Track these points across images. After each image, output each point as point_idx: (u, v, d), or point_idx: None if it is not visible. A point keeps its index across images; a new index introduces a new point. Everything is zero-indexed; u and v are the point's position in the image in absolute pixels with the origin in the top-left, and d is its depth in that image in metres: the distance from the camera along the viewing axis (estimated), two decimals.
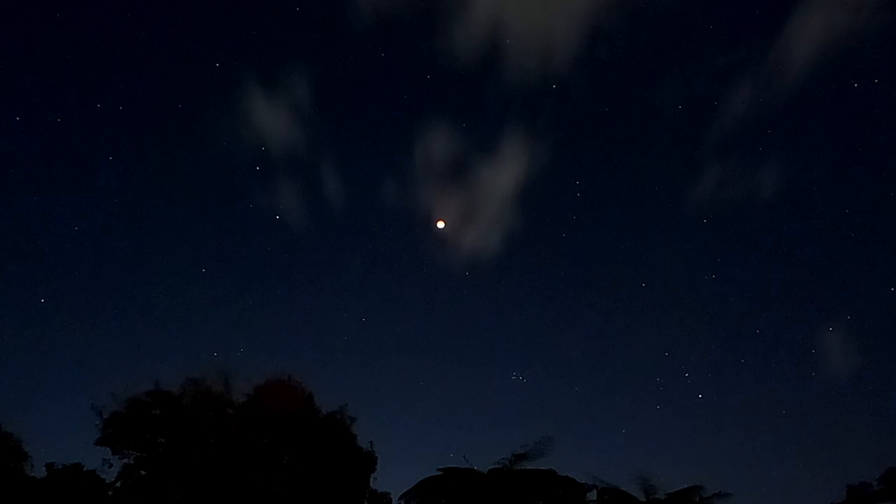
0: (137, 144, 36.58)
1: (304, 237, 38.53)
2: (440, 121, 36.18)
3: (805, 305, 37.32)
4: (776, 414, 35.49)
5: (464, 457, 24.64)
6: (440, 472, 24.88)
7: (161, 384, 24.30)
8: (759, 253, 38.16)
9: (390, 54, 36.36)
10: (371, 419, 26.33)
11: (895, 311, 34.21)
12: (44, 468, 23.86)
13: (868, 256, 36.02)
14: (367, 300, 38.81)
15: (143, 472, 23.69)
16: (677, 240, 38.12)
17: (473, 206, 37.33)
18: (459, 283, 38.82)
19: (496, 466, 24.50)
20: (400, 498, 25.02)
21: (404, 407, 36.07)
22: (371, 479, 25.27)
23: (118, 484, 23.64)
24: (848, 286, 36.37)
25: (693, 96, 36.71)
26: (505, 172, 37.05)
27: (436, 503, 24.74)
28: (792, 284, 37.42)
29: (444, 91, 37.09)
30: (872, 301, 34.89)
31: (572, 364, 38.67)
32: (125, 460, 23.83)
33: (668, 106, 36.78)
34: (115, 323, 36.52)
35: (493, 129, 37.44)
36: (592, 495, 24.60)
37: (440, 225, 35.39)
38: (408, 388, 38.05)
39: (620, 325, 39.24)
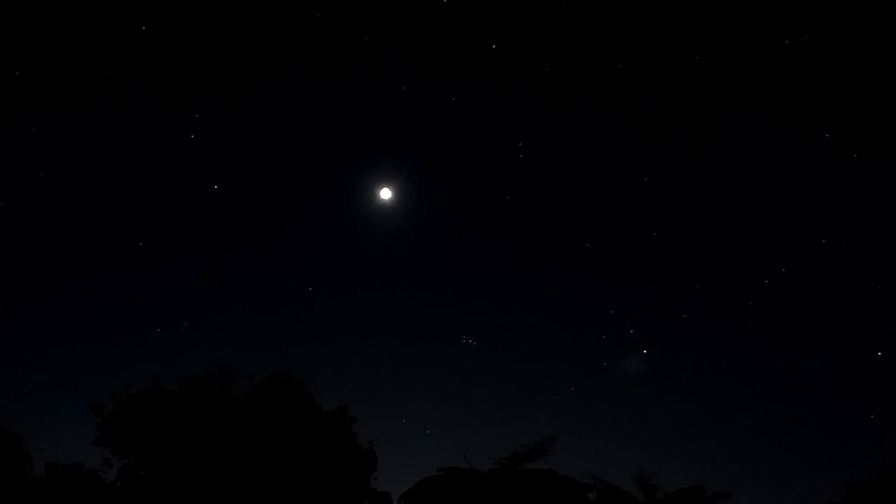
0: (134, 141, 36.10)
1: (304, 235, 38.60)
2: None
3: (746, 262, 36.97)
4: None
5: (464, 457, 24.66)
6: (440, 472, 24.89)
7: (161, 384, 24.38)
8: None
9: None
10: (371, 419, 26.38)
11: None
12: (44, 468, 23.90)
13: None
14: (366, 298, 38.80)
15: (143, 472, 23.71)
16: (619, 198, 37.77)
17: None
18: (401, 244, 38.03)
19: (496, 466, 24.52)
20: (400, 498, 25.03)
21: (404, 406, 36.09)
22: (371, 479, 25.28)
23: (118, 484, 23.67)
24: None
25: None
26: None
27: (436, 503, 24.75)
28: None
29: None
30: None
31: (517, 324, 38.84)
32: (125, 460, 23.88)
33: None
34: (115, 323, 36.58)
35: None
36: (592, 495, 24.62)
37: (385, 195, 33.85)
38: (406, 387, 38.11)
39: (565, 284, 39.15)
